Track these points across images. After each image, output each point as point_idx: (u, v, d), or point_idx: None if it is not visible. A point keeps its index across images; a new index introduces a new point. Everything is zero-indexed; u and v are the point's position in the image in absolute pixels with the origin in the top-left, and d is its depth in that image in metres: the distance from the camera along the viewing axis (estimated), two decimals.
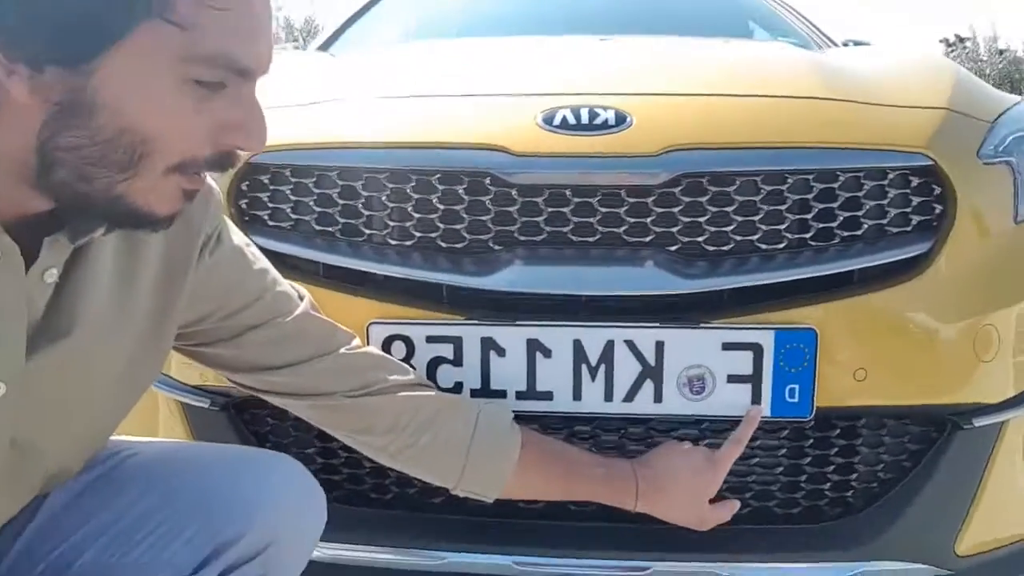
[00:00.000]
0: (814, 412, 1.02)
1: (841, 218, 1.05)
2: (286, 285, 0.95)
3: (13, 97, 0.57)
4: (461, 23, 2.27)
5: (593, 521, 1.11)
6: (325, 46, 2.20)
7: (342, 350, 0.96)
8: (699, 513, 1.04)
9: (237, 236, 0.91)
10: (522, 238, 1.05)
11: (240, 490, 0.82)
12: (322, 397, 0.94)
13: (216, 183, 1.09)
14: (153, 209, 0.65)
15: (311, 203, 1.09)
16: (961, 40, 17.42)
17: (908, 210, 1.06)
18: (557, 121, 1.04)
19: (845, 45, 2.23)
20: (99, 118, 0.59)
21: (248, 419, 1.14)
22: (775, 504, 1.11)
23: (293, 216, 1.10)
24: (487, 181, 1.04)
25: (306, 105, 1.19)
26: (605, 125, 1.04)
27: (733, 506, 1.06)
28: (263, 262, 0.93)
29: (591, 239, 1.05)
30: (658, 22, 2.04)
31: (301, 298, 0.96)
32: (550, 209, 1.04)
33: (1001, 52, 16.56)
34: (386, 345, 1.04)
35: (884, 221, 1.05)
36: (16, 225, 0.63)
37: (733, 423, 1.05)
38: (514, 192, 1.04)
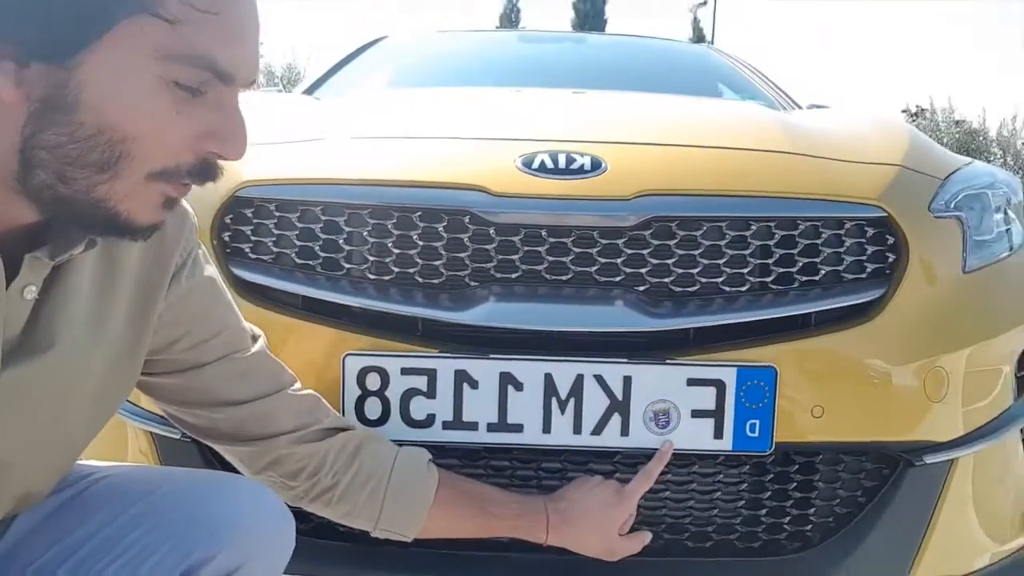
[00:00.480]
0: (773, 446, 1.06)
1: (800, 264, 1.10)
2: (244, 323, 0.97)
3: (2, 97, 0.58)
4: (441, 75, 2.35)
5: (564, 554, 1.13)
6: (310, 91, 2.26)
7: (288, 390, 0.99)
8: (608, 544, 1.07)
9: (209, 267, 0.93)
10: (498, 275, 1.10)
11: (210, 512, 0.82)
12: (262, 442, 0.96)
13: (199, 213, 1.14)
14: (134, 217, 0.65)
15: (293, 237, 1.12)
16: (921, 111, 18.13)
17: (863, 258, 1.12)
18: (536, 164, 1.10)
19: (810, 108, 2.34)
20: (79, 115, 0.59)
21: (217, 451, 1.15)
22: (736, 537, 1.14)
23: (275, 249, 1.13)
24: (466, 219, 1.08)
25: (293, 143, 1.23)
26: (581, 170, 1.09)
27: (643, 538, 1.10)
28: (228, 296, 0.96)
29: (564, 277, 1.09)
30: (630, 80, 2.14)
31: (255, 337, 0.98)
32: (526, 248, 1.09)
33: (958, 123, 17.27)
34: (361, 376, 1.06)
35: (840, 268, 1.12)
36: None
37: (697, 457, 1.09)
38: (492, 231, 1.09)
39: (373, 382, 1.06)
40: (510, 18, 22.29)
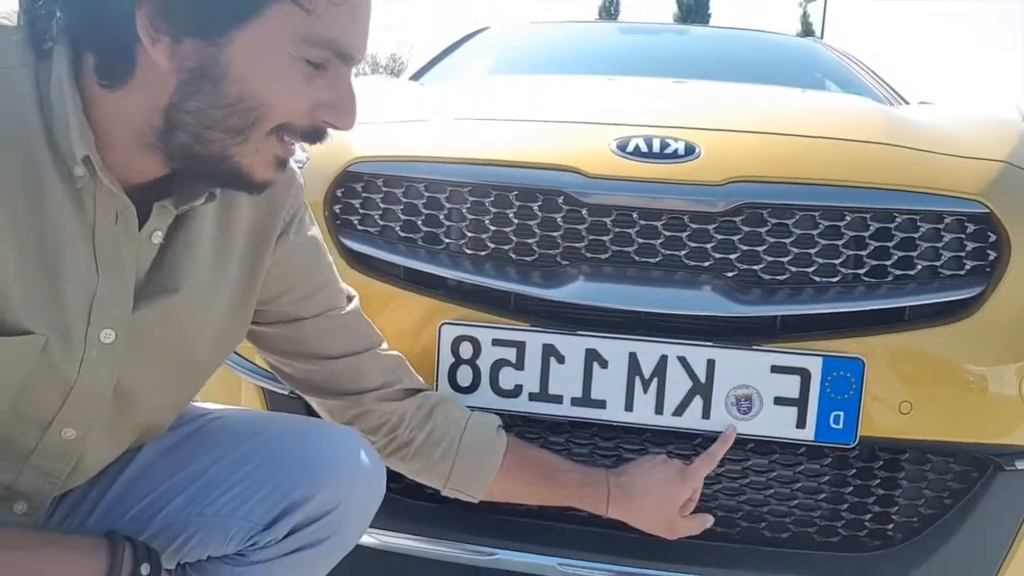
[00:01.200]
0: (858, 440, 1.06)
1: (896, 257, 1.09)
2: (342, 283, 1.04)
3: (154, 62, 0.66)
4: (541, 63, 2.39)
5: (640, 532, 1.16)
6: (415, 77, 2.35)
7: (377, 350, 1.06)
8: (668, 521, 1.10)
9: (315, 227, 1.00)
10: (588, 255, 1.13)
11: (312, 455, 0.89)
12: (350, 397, 1.03)
13: (314, 187, 1.22)
14: (253, 171, 0.73)
15: (398, 211, 1.19)
16: None
17: (962, 254, 1.10)
18: (630, 148, 1.13)
19: (920, 104, 2.26)
20: (224, 85, 0.67)
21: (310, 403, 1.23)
22: (815, 530, 1.14)
23: (381, 222, 1.20)
24: (560, 200, 1.13)
25: (401, 123, 1.30)
26: (675, 154, 1.12)
27: (704, 520, 1.11)
28: (329, 257, 1.03)
29: (653, 260, 1.12)
30: (731, 72, 2.12)
31: (350, 298, 1.05)
32: (617, 229, 1.12)
33: None
34: (455, 344, 1.12)
35: (938, 263, 1.10)
36: (129, 190, 0.73)
37: (779, 444, 1.10)
38: (584, 211, 1.12)
39: (466, 351, 1.11)
40: (609, 11, 22.12)
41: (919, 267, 1.10)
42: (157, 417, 0.88)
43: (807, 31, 20.00)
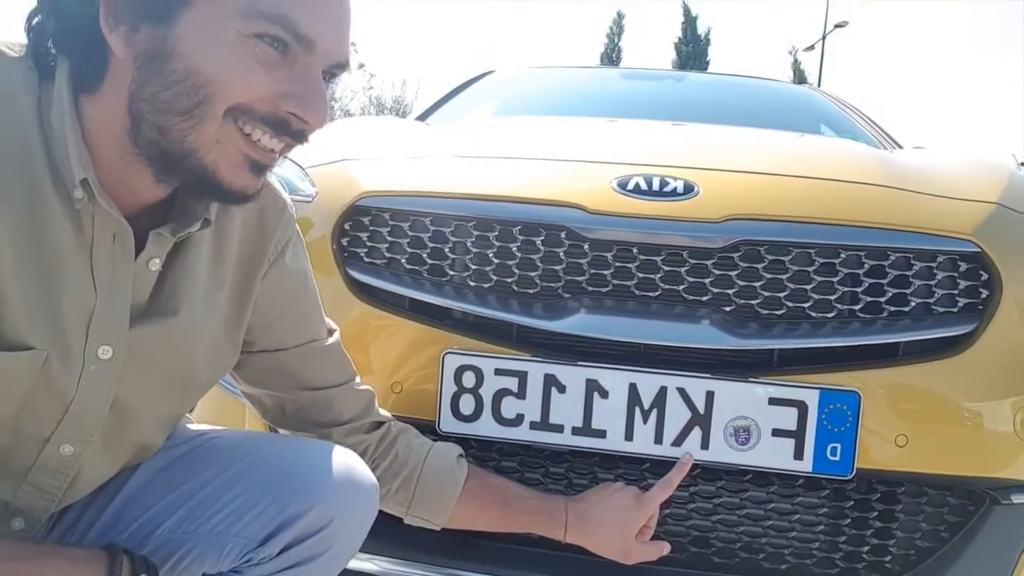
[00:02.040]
0: (855, 472, 1.07)
1: (890, 294, 1.12)
2: (325, 316, 1.06)
3: (115, 55, 0.68)
4: (545, 105, 2.45)
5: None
6: (421, 118, 2.41)
7: (351, 384, 1.07)
8: (624, 546, 1.12)
9: (304, 259, 1.02)
10: (590, 288, 1.16)
11: (306, 472, 0.90)
12: (319, 429, 1.04)
13: (323, 220, 1.26)
14: (220, 170, 0.72)
15: (404, 244, 1.22)
16: None
17: (955, 292, 1.13)
18: (631, 186, 1.16)
19: (913, 149, 2.31)
20: (171, 63, 0.68)
21: None
22: (812, 562, 1.15)
23: (387, 255, 1.23)
24: (563, 235, 1.16)
25: (408, 159, 1.34)
26: (674, 192, 1.16)
27: (661, 548, 1.14)
28: (315, 289, 1.04)
29: (653, 294, 1.15)
30: (729, 116, 2.17)
31: (331, 332, 1.06)
32: (617, 264, 1.15)
33: None
34: (458, 374, 1.14)
35: (931, 300, 1.13)
36: (128, 217, 0.75)
37: (775, 475, 1.11)
38: (586, 246, 1.16)
39: (469, 380, 1.14)
40: (611, 57, 22.53)
41: (913, 304, 1.13)
42: (151, 435, 0.89)
43: (800, 79, 20.36)
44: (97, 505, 0.89)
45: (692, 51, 22.06)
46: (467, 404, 1.14)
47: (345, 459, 0.94)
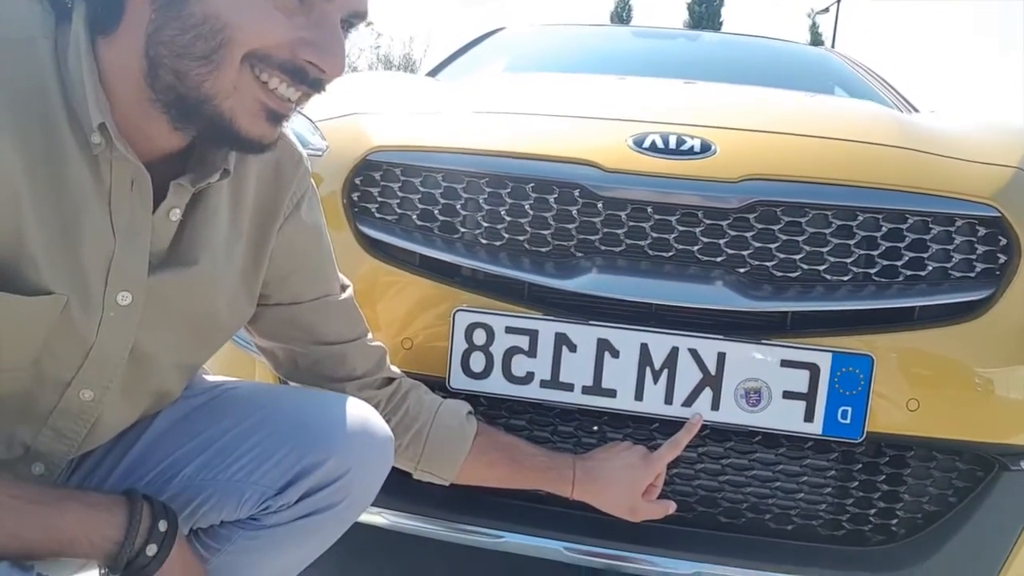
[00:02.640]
0: (864, 435, 1.07)
1: (907, 257, 1.11)
2: (338, 272, 1.05)
3: (135, 2, 0.67)
4: (556, 63, 2.41)
5: (645, 519, 1.18)
6: (431, 74, 2.37)
7: (364, 340, 1.07)
8: (630, 504, 1.13)
9: (319, 213, 1.01)
10: (602, 247, 1.15)
11: (323, 422, 0.91)
12: (332, 384, 1.04)
13: (333, 174, 1.24)
14: (236, 118, 0.71)
15: (415, 200, 1.21)
16: None
17: (972, 256, 1.12)
18: (647, 144, 1.14)
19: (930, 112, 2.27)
20: (190, 6, 0.67)
21: None
22: (819, 524, 1.16)
23: (398, 211, 1.22)
24: (576, 193, 1.14)
25: (420, 114, 1.33)
26: (690, 151, 1.14)
27: (668, 506, 1.15)
28: (330, 243, 1.04)
29: (666, 254, 1.14)
30: (742, 76, 2.13)
31: (344, 287, 1.06)
32: (631, 223, 1.14)
33: None
34: (469, 331, 1.14)
35: (948, 264, 1.11)
36: (147, 166, 0.74)
37: (785, 437, 1.11)
38: (600, 205, 1.14)
39: (479, 337, 1.13)
40: (621, 16, 22.17)
41: (929, 268, 1.11)
42: (169, 383, 0.90)
43: (815, 41, 20.02)
44: (116, 452, 0.90)
45: (705, 11, 21.67)
46: (477, 361, 1.14)
47: (361, 411, 0.95)
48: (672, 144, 1.15)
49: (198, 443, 0.90)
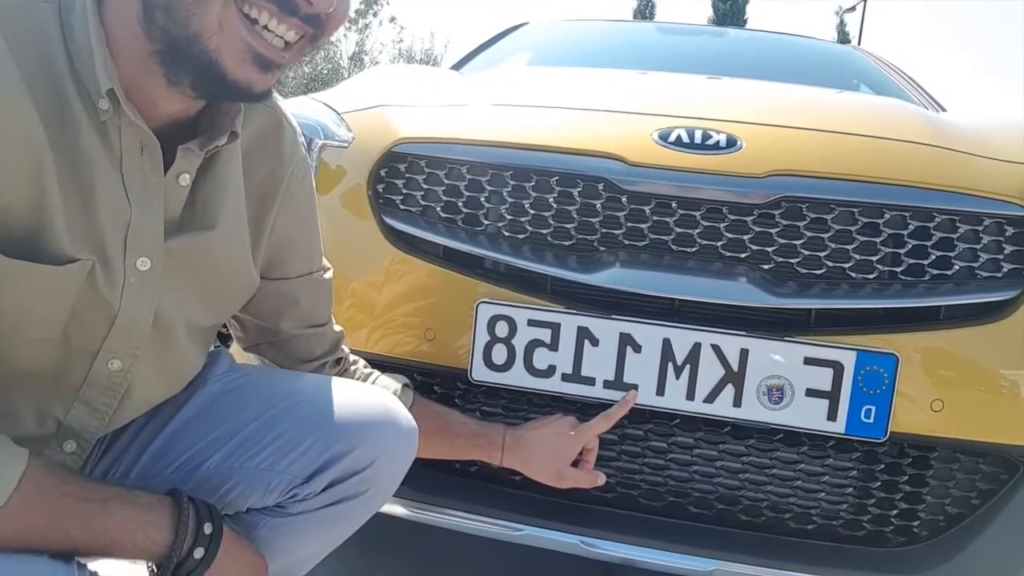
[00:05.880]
0: (888, 435, 1.06)
1: (933, 256, 1.10)
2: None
3: None
4: (580, 57, 2.41)
5: (663, 516, 1.18)
6: (455, 68, 2.37)
7: (331, 323, 1.08)
8: (556, 469, 1.14)
9: (314, 187, 1.02)
10: (626, 242, 1.15)
11: (349, 413, 0.92)
12: (295, 362, 1.05)
13: (358, 166, 1.25)
14: (223, 59, 0.70)
15: (440, 192, 1.22)
16: None
17: (1000, 257, 1.10)
18: (672, 138, 1.14)
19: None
20: None
21: None
22: (840, 524, 1.15)
23: (423, 202, 1.23)
24: (600, 187, 1.14)
25: (445, 106, 1.33)
26: (716, 146, 1.13)
27: (596, 477, 1.16)
28: (318, 219, 1.04)
29: (690, 249, 1.14)
30: (768, 72, 2.12)
31: (326, 268, 1.06)
32: (655, 218, 1.14)
33: None
34: (491, 323, 1.14)
35: (975, 264, 1.10)
36: (155, 132, 0.75)
37: (807, 435, 1.11)
38: (624, 199, 1.14)
39: (502, 330, 1.13)
40: (644, 14, 22.02)
41: (956, 267, 1.10)
42: (192, 352, 0.90)
43: (843, 39, 19.81)
44: (144, 438, 0.91)
45: (730, 8, 21.49)
46: (499, 354, 1.14)
47: (386, 402, 0.96)
48: (698, 139, 1.14)
49: (224, 431, 0.91)
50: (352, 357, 1.13)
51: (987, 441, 1.09)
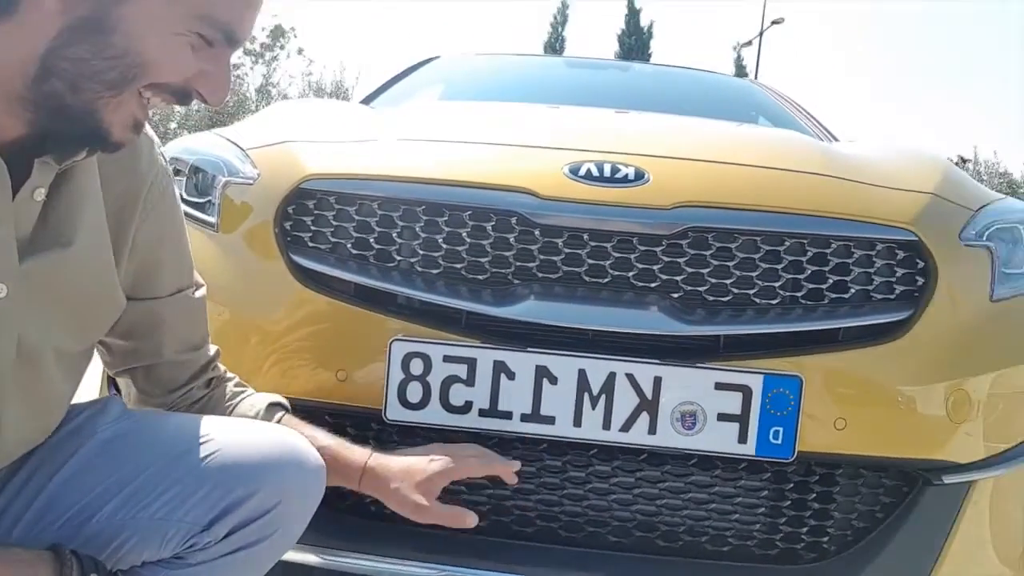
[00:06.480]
0: (796, 455, 1.10)
1: (831, 281, 1.15)
2: (194, 269, 1.03)
3: (43, 4, 0.67)
4: (491, 91, 2.44)
5: (584, 547, 1.17)
6: (365, 102, 2.36)
7: (206, 347, 1.04)
8: (416, 503, 1.03)
9: (179, 201, 1.00)
10: (540, 275, 1.16)
11: (252, 452, 0.88)
12: (178, 390, 1.02)
13: (264, 203, 1.22)
14: (112, 130, 0.74)
15: (350, 229, 1.20)
16: (964, 161, 18.01)
17: (892, 279, 1.17)
18: (582, 172, 1.16)
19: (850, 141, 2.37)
20: (113, 38, 0.69)
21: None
22: (754, 544, 1.18)
23: (332, 239, 1.20)
24: (514, 220, 1.15)
25: (355, 142, 1.31)
26: (625, 179, 1.16)
27: (461, 517, 1.07)
28: (187, 235, 1.01)
29: (602, 280, 1.15)
30: (671, 106, 2.20)
31: (200, 286, 1.03)
32: (568, 250, 1.15)
33: (1000, 175, 17.15)
34: (405, 361, 1.12)
35: (870, 287, 1.16)
36: (2, 151, 0.72)
37: (721, 459, 1.13)
38: (537, 232, 1.15)
39: (416, 367, 1.12)
40: (554, 47, 22.57)
41: (853, 291, 1.16)
42: (61, 383, 0.85)
43: (740, 72, 20.80)
44: (27, 494, 0.85)
45: (635, 43, 22.27)
46: (415, 392, 1.12)
47: (289, 440, 0.92)
48: (607, 172, 1.17)
49: (115, 482, 0.86)
50: (228, 374, 1.08)
51: (888, 456, 1.14)
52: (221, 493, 0.85)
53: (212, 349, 1.06)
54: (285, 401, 1.08)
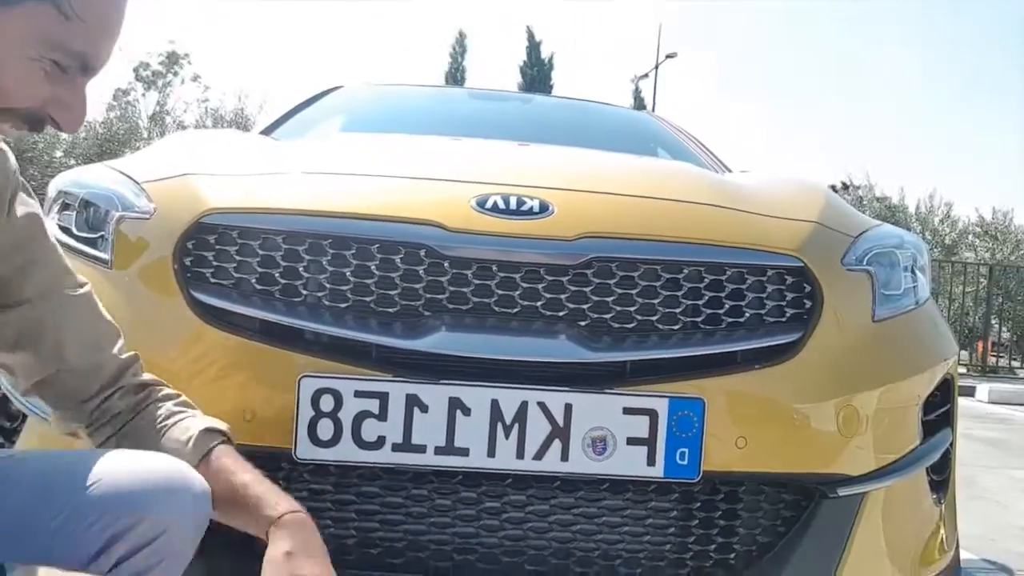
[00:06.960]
0: (701, 474, 1.14)
1: (727, 306, 1.21)
2: (74, 272, 0.99)
3: None
4: (395, 122, 2.44)
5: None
6: (266, 132, 2.32)
7: (111, 349, 0.99)
8: None
9: (36, 203, 0.97)
10: (450, 306, 1.16)
11: (135, 482, 0.85)
12: (92, 399, 0.97)
13: (163, 238, 1.18)
14: None
15: (254, 264, 1.17)
16: (845, 186, 19.20)
17: (783, 303, 1.23)
18: (489, 205, 1.18)
19: (740, 172, 2.50)
20: None
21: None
22: (665, 564, 1.21)
23: (235, 275, 1.18)
24: (422, 252, 1.16)
25: (258, 175, 1.29)
26: (530, 211, 1.18)
27: None
28: (53, 238, 0.98)
29: (512, 311, 1.17)
30: (573, 138, 2.26)
31: (83, 284, 0.99)
32: (477, 281, 1.16)
33: (879, 199, 18.36)
34: (315, 397, 1.10)
35: (763, 311, 1.22)
36: None
37: (631, 482, 1.16)
38: (446, 264, 1.16)
39: (327, 403, 1.10)
40: (455, 77, 22.77)
41: (747, 315, 1.22)
42: None
43: (638, 104, 21.58)
44: None
45: (537, 74, 22.73)
46: (325, 429, 1.10)
47: (173, 466, 0.89)
48: (513, 205, 1.19)
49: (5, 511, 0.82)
50: (169, 391, 1.00)
51: (786, 472, 1.20)
52: (105, 524, 0.82)
53: (127, 355, 1.00)
54: (225, 427, 0.98)
